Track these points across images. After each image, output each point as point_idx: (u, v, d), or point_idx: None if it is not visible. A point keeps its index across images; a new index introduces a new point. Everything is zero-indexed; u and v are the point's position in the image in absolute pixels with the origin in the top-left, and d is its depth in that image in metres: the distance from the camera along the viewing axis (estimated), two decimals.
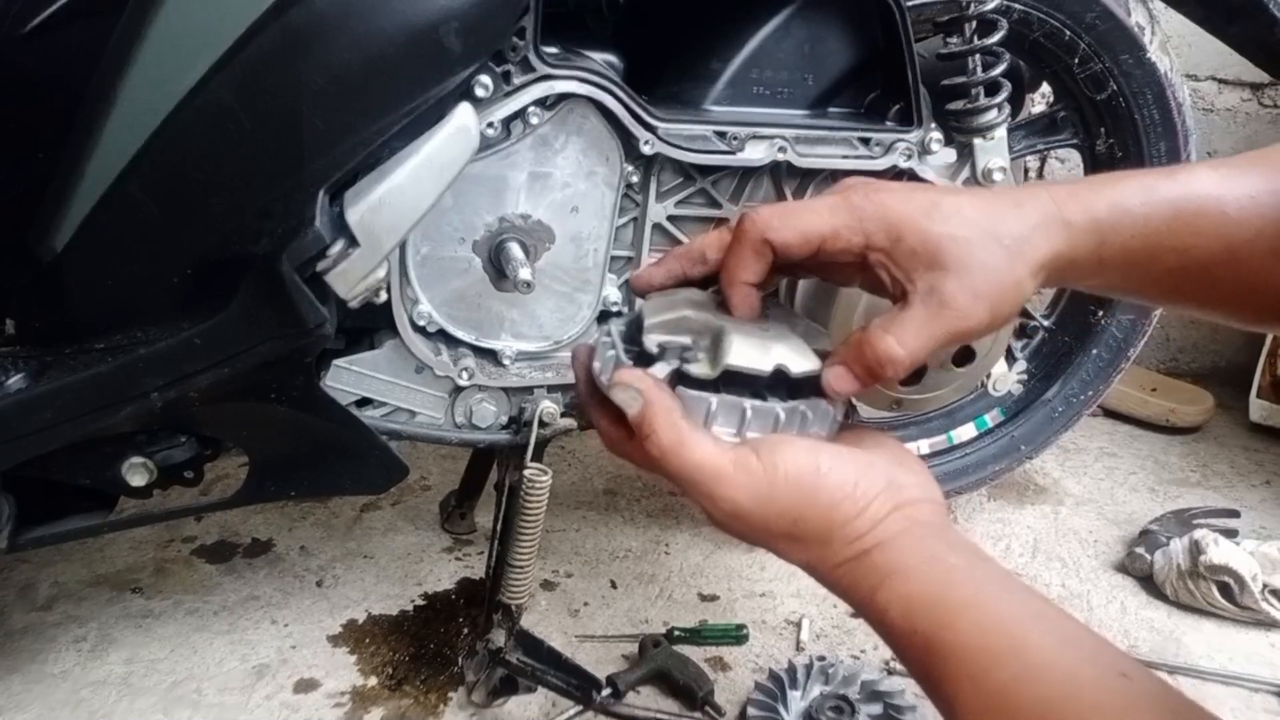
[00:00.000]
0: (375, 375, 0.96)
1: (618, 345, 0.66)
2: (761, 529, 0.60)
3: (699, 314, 0.66)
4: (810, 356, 0.64)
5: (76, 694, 1.04)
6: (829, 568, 0.60)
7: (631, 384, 0.61)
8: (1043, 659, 0.51)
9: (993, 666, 0.51)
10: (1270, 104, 1.96)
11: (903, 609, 0.55)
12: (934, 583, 0.56)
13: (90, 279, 0.83)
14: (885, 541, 0.58)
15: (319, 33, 0.76)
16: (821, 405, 0.63)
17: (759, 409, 0.62)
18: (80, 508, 0.93)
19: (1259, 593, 1.21)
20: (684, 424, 0.60)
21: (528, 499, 0.97)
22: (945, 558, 0.57)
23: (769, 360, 0.62)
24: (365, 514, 1.39)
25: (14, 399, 0.79)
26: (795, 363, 0.63)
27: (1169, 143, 1.19)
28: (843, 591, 0.60)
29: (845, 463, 0.60)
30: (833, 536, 0.59)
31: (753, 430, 0.62)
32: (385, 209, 0.80)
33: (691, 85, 1.01)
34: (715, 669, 1.12)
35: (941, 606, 0.54)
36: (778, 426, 0.62)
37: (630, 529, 1.39)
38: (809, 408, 0.63)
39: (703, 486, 0.59)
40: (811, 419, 0.63)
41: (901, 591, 0.56)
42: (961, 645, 0.52)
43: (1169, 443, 1.74)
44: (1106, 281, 0.67)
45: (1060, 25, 1.12)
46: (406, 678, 1.08)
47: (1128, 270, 0.65)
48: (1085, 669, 0.50)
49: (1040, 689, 0.49)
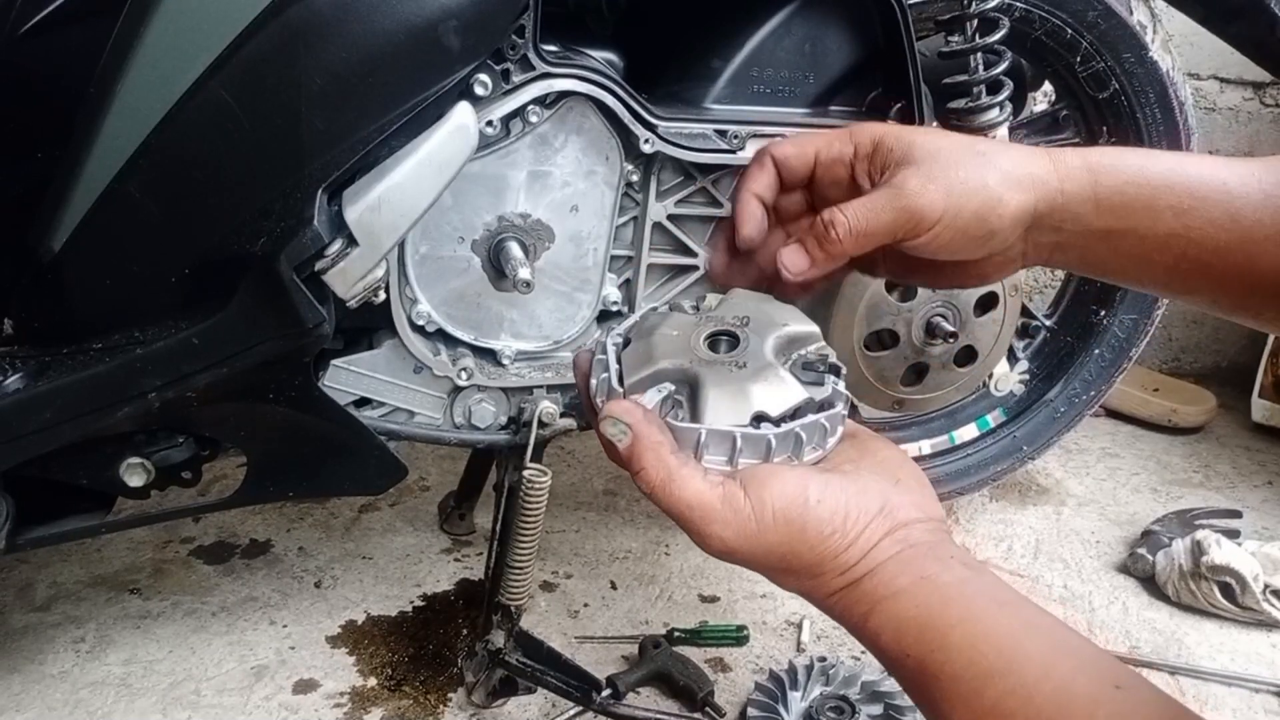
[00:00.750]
0: (374, 375, 0.96)
1: (611, 367, 0.65)
2: (753, 563, 0.60)
3: (675, 363, 0.65)
4: (791, 383, 0.63)
5: (75, 694, 1.04)
6: (822, 596, 0.60)
7: (620, 418, 0.60)
8: (1035, 674, 0.50)
9: (984, 685, 0.51)
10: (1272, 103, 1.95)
11: (894, 634, 0.55)
12: (924, 605, 0.55)
13: (88, 279, 0.82)
14: (876, 568, 0.58)
15: (317, 31, 0.76)
16: (818, 422, 0.62)
17: (749, 437, 0.61)
18: (78, 508, 0.93)
19: (1260, 593, 1.20)
20: (672, 460, 0.60)
21: (527, 500, 0.96)
22: (937, 577, 0.56)
23: (748, 409, 0.62)
24: (364, 515, 1.39)
25: (12, 399, 0.79)
26: (775, 401, 0.62)
27: (1171, 141, 1.19)
28: (837, 617, 0.60)
29: (836, 492, 0.59)
30: (823, 569, 0.58)
31: (745, 457, 0.61)
32: (384, 208, 0.79)
33: (692, 84, 1.01)
34: (715, 670, 1.11)
35: (931, 629, 0.54)
36: (770, 452, 0.61)
37: (630, 530, 1.38)
38: (803, 429, 0.62)
39: (692, 525, 0.59)
40: (806, 439, 0.62)
41: (892, 615, 0.56)
42: (953, 665, 0.52)
43: (1171, 443, 1.74)
44: (1109, 246, 0.67)
45: (1062, 24, 1.11)
46: (406, 678, 1.08)
47: (1127, 221, 0.66)
48: (1079, 681, 0.50)
49: (1033, 705, 0.49)
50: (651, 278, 1.03)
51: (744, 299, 0.73)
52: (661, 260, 1.03)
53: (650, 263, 1.02)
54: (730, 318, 0.70)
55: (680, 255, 1.03)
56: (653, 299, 1.03)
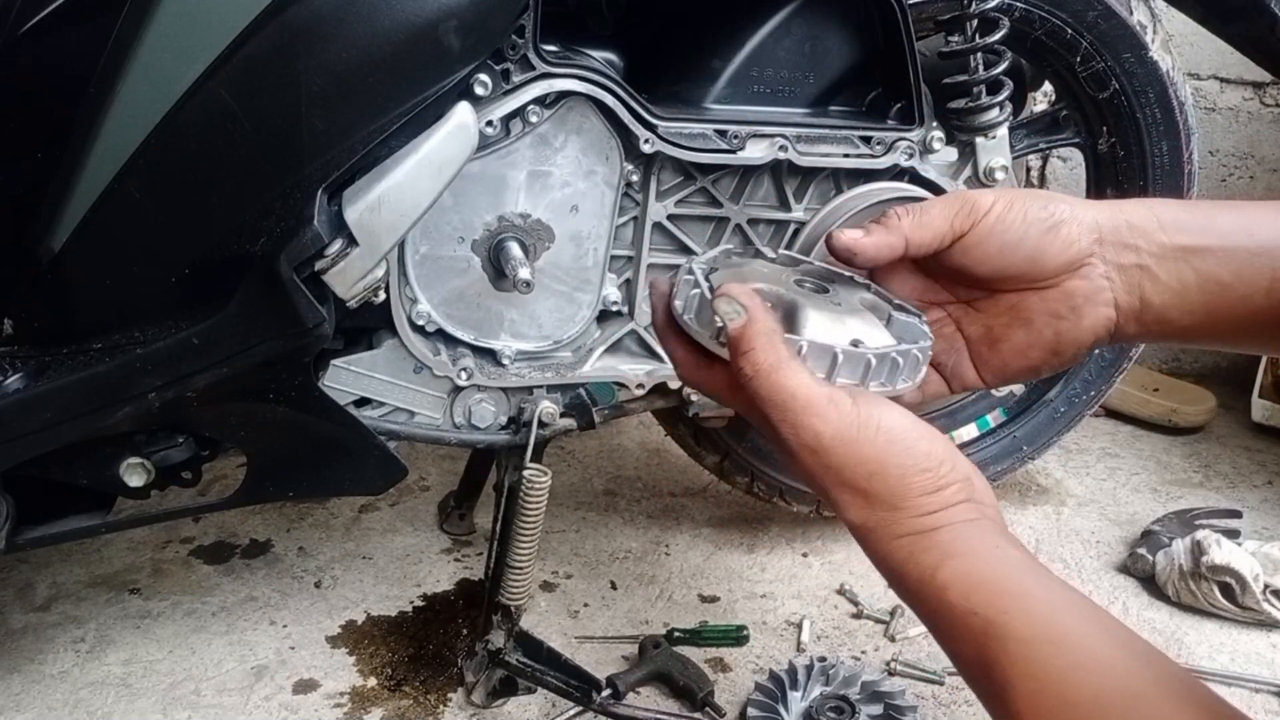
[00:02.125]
0: (374, 375, 0.96)
1: (701, 284, 0.65)
2: (835, 470, 0.59)
3: (771, 288, 0.66)
4: (883, 331, 0.64)
5: (75, 694, 1.04)
6: (889, 535, 0.59)
7: (737, 298, 0.60)
8: (1103, 653, 0.50)
9: (1054, 654, 0.51)
10: (1272, 103, 1.95)
11: (963, 589, 0.55)
12: (998, 569, 0.55)
13: (88, 279, 0.83)
14: (953, 524, 0.57)
15: (317, 31, 0.76)
16: (911, 354, 0.63)
17: (850, 354, 0.61)
18: (78, 508, 0.93)
19: (1260, 593, 1.20)
20: (783, 348, 0.59)
21: (527, 500, 0.96)
22: (1010, 551, 0.57)
23: (845, 334, 0.62)
24: (364, 515, 1.39)
25: (13, 399, 0.79)
26: (871, 336, 0.63)
27: (1171, 142, 1.19)
28: (896, 563, 0.59)
29: (936, 439, 0.59)
30: (904, 503, 0.58)
31: (842, 377, 0.62)
32: (384, 208, 0.79)
33: (692, 84, 1.01)
34: (715, 670, 1.11)
35: (1005, 591, 0.54)
36: (868, 374, 0.62)
37: (630, 530, 1.38)
38: (899, 355, 0.63)
39: (790, 412, 0.58)
40: (902, 367, 0.63)
41: (964, 572, 0.55)
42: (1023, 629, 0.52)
43: (1171, 443, 1.74)
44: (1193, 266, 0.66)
45: (1062, 23, 1.11)
46: (406, 678, 1.08)
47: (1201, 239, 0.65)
48: (1144, 668, 0.50)
49: (1099, 680, 0.49)
50: (652, 278, 1.03)
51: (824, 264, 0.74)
52: (661, 260, 1.03)
53: (650, 263, 1.02)
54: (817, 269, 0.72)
55: (680, 255, 1.03)
56: None
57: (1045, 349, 0.69)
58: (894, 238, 0.68)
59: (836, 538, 1.33)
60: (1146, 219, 0.66)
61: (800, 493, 1.25)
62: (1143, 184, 1.21)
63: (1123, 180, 1.22)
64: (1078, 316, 0.67)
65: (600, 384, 1.04)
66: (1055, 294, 0.68)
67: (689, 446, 1.26)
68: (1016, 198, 0.67)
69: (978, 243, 0.67)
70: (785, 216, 1.04)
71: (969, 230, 0.67)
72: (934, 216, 0.67)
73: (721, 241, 1.03)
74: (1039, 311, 0.68)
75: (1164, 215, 0.66)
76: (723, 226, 1.03)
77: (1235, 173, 1.98)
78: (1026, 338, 0.69)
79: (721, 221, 1.03)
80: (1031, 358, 0.70)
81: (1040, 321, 0.69)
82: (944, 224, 0.67)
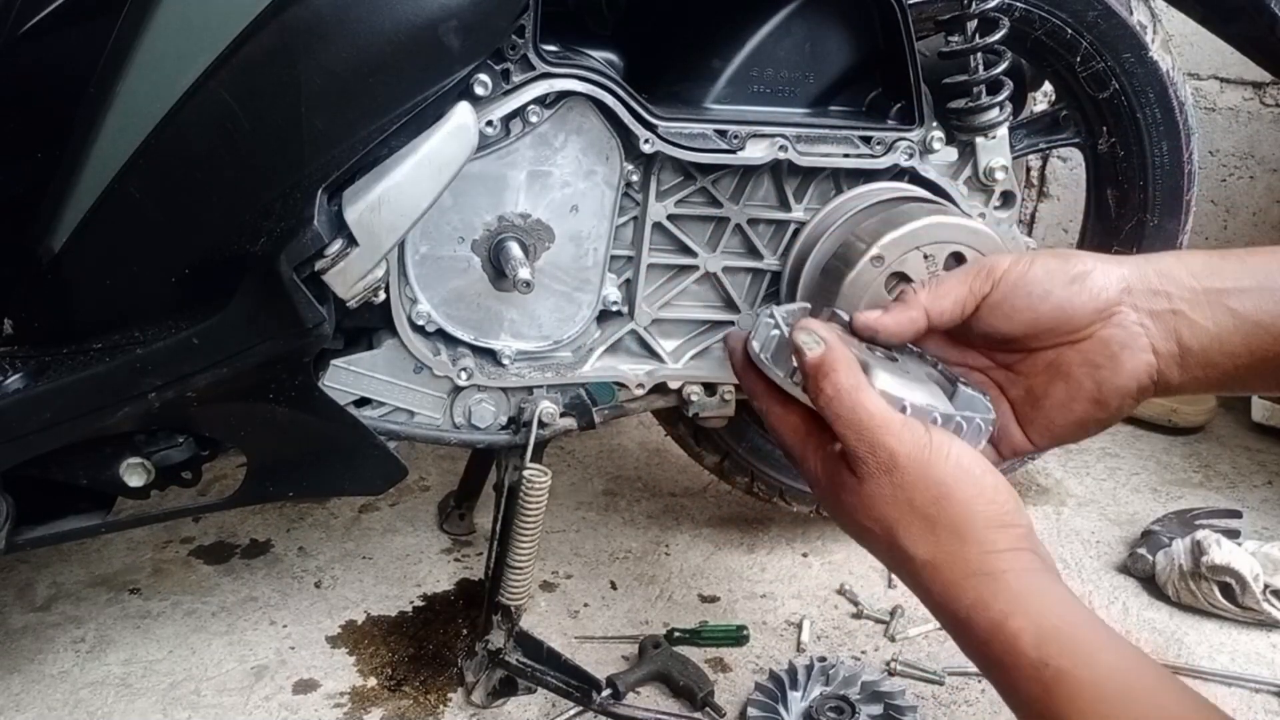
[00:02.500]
0: (373, 375, 0.96)
1: (782, 325, 0.68)
2: (905, 491, 0.60)
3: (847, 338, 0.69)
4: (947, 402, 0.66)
5: (75, 694, 1.04)
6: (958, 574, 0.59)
7: (816, 330, 0.63)
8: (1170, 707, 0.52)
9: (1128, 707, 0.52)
10: (1272, 103, 1.95)
11: (1036, 639, 0.55)
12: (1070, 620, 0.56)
13: (88, 279, 0.83)
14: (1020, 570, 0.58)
15: (317, 31, 0.76)
16: (975, 422, 0.65)
17: (917, 407, 0.63)
18: (78, 508, 0.93)
19: (1260, 593, 1.20)
20: (862, 375, 0.62)
21: (527, 500, 0.96)
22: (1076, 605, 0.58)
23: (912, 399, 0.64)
24: (363, 515, 1.39)
25: (12, 399, 0.79)
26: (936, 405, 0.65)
27: (1171, 142, 1.19)
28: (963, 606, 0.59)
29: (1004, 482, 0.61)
30: (971, 535, 0.59)
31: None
32: (384, 208, 0.79)
33: (692, 84, 1.01)
34: (715, 670, 1.11)
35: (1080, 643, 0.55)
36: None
37: (630, 530, 1.38)
38: (964, 420, 0.65)
39: (868, 430, 0.60)
40: (966, 430, 0.65)
41: (1038, 622, 0.56)
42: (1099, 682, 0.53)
43: (1171, 443, 1.74)
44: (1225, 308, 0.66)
45: (1062, 23, 1.11)
46: (406, 678, 1.08)
47: (1228, 281, 0.65)
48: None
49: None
50: (651, 278, 1.03)
51: None
52: (661, 260, 1.03)
53: (650, 263, 1.02)
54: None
55: (680, 255, 1.03)
56: (653, 299, 1.04)
57: (1087, 400, 0.69)
58: (913, 312, 0.69)
59: (836, 538, 1.33)
60: (1174, 266, 0.67)
61: (800, 492, 1.25)
62: (1143, 184, 1.21)
63: (1123, 180, 1.22)
64: (1116, 364, 0.67)
65: (600, 384, 1.04)
66: (1090, 345, 0.68)
67: (689, 446, 1.26)
68: (1035, 255, 0.68)
69: (1002, 300, 0.68)
70: (785, 216, 1.04)
71: (990, 291, 0.68)
72: (951, 285, 0.69)
73: (721, 241, 1.03)
74: (1077, 364, 0.69)
75: (1192, 262, 0.67)
76: (723, 226, 1.03)
77: (1235, 173, 1.98)
78: (1067, 391, 0.70)
79: (721, 221, 1.03)
80: (1075, 411, 0.70)
81: (1079, 373, 0.69)
82: (963, 290, 0.69)
